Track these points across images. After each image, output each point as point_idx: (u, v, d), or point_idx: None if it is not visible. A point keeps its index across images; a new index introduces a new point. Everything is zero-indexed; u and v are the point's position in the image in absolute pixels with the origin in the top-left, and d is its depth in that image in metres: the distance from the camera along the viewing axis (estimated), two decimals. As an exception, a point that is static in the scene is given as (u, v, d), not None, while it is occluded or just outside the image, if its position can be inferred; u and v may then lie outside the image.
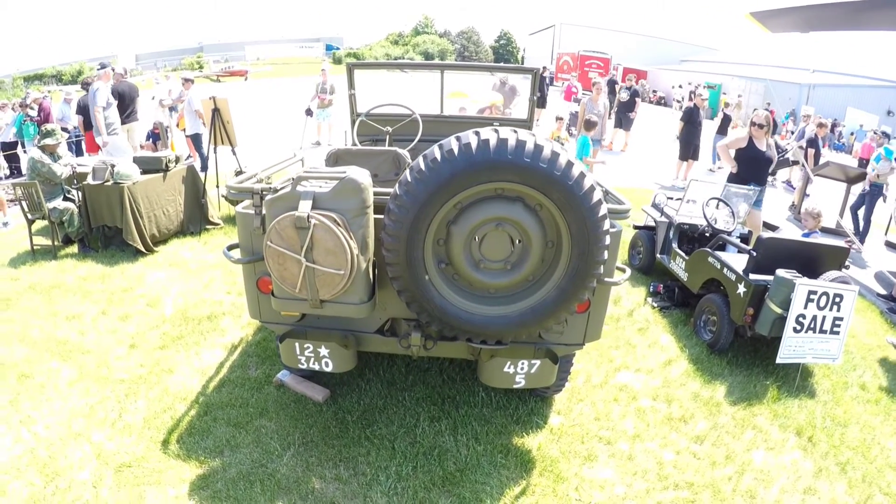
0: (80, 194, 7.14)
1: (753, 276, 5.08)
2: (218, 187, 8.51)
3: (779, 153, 8.78)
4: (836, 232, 9.01)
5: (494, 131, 2.77)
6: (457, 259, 3.04)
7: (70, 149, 11.94)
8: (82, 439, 3.92)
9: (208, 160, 9.38)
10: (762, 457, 4.10)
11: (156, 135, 11.94)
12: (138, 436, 3.97)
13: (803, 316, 4.76)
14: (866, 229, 9.35)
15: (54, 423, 4.09)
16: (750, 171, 7.21)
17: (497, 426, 4.13)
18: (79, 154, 11.00)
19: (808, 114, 16.81)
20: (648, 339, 5.58)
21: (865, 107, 26.62)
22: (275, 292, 3.22)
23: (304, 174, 3.05)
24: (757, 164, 7.22)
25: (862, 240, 9.16)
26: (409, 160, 4.31)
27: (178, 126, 12.37)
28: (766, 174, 7.41)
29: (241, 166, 8.33)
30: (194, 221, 8.04)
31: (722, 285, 5.46)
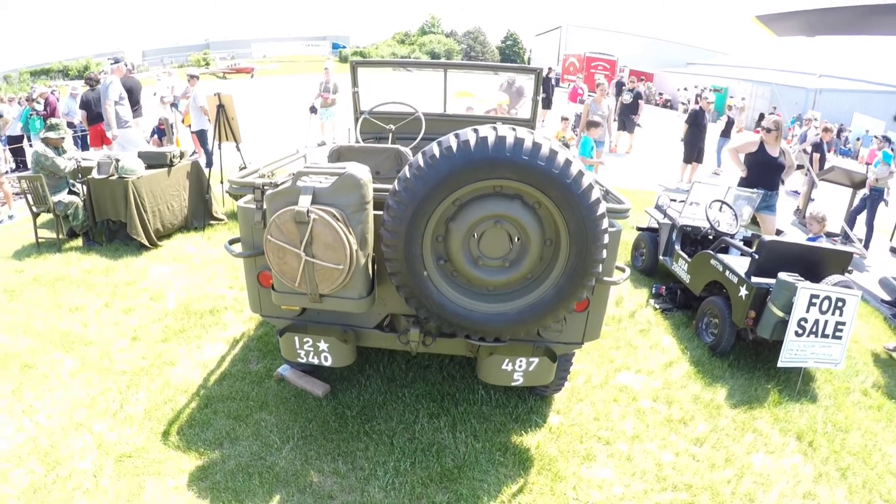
0: (84, 188, 7.17)
1: (755, 278, 5.07)
2: (222, 183, 8.53)
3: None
4: (843, 238, 8.98)
5: (493, 129, 2.78)
6: (455, 256, 3.05)
7: (76, 143, 12.02)
8: (83, 429, 3.95)
9: (213, 156, 9.43)
10: (762, 460, 4.08)
11: (161, 131, 11.98)
12: (139, 427, 3.99)
13: (805, 320, 4.74)
14: (869, 234, 9.32)
15: (56, 413, 4.11)
16: (760, 176, 7.18)
17: (496, 424, 4.13)
18: (84, 149, 11.05)
19: (809, 117, 16.74)
20: (650, 341, 5.57)
21: (872, 112, 26.51)
22: (275, 286, 3.23)
23: (305, 169, 3.06)
24: (767, 169, 7.17)
25: (866, 245, 9.12)
26: (410, 158, 4.33)
27: (183, 122, 12.41)
28: (776, 179, 7.32)
29: (245, 162, 8.36)
30: (198, 217, 8.06)
31: (724, 288, 5.45)
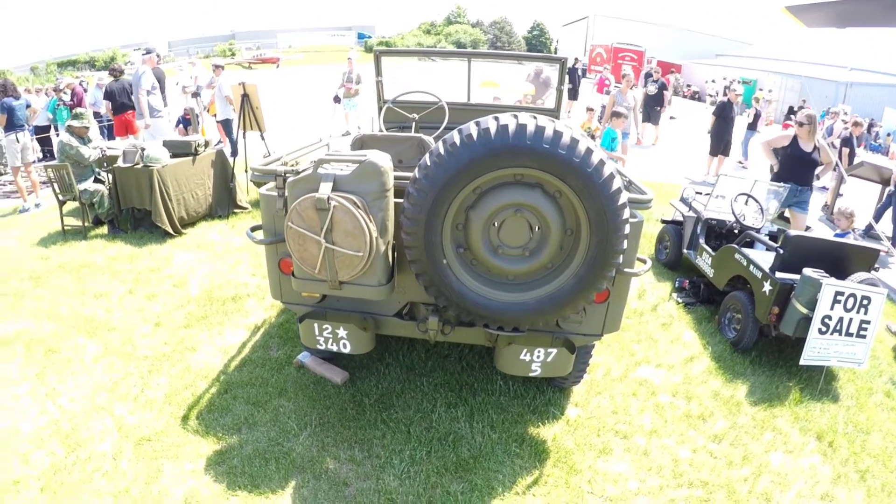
0: (110, 176, 7.28)
1: (780, 274, 4.99)
2: (247, 172, 8.61)
3: None
4: (872, 236, 8.80)
5: (514, 117, 2.76)
6: (475, 244, 3.04)
7: (101, 133, 12.19)
8: (104, 413, 4.03)
9: (237, 145, 9.52)
10: (780, 459, 4.02)
11: (187, 120, 12.12)
12: (159, 411, 4.05)
13: (829, 317, 4.66)
14: None
15: (78, 396, 4.20)
16: (791, 171, 7.05)
17: (513, 415, 4.13)
18: (110, 139, 11.21)
19: (836, 110, 16.40)
20: (671, 335, 5.52)
21: (905, 107, 25.85)
22: (295, 273, 3.25)
23: (326, 157, 3.07)
24: (799, 164, 7.03)
25: (894, 243, 8.92)
26: (433, 146, 4.32)
27: (208, 112, 12.53)
28: (809, 175, 7.16)
29: (269, 151, 8.42)
30: (222, 205, 8.15)
31: (748, 283, 5.37)
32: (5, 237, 7.38)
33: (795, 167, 7.04)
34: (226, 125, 11.30)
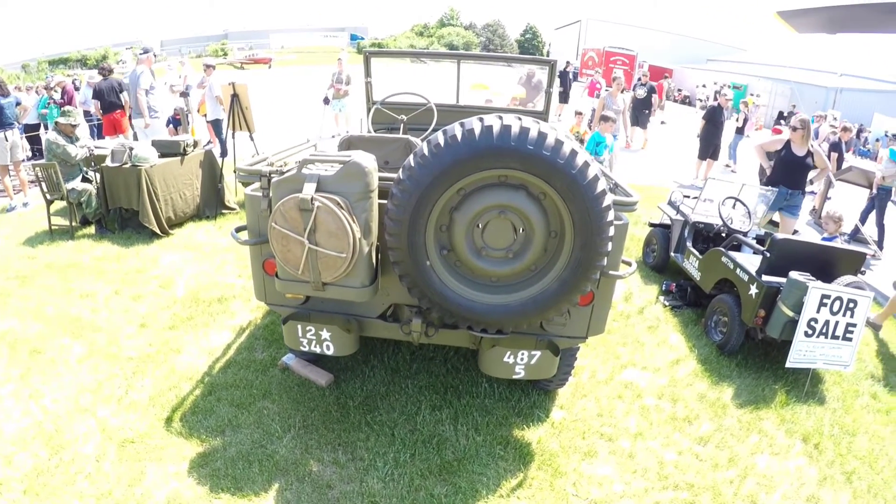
0: (98, 176, 7.23)
1: (766, 277, 5.01)
2: (235, 172, 8.57)
3: None
4: (858, 240, 8.86)
5: (498, 118, 2.75)
6: (459, 246, 3.03)
7: (91, 132, 12.12)
8: (88, 414, 3.99)
9: (227, 145, 9.48)
10: (766, 461, 4.03)
11: (177, 120, 12.05)
12: (143, 413, 4.02)
13: (815, 320, 4.68)
14: (881, 234, 9.18)
15: (62, 397, 4.16)
16: (783, 175, 7.07)
17: (498, 417, 4.12)
18: (99, 138, 11.15)
19: (823, 114, 16.53)
20: (658, 338, 5.53)
21: (893, 113, 26.00)
22: (278, 274, 3.24)
23: (310, 157, 3.06)
24: (791, 168, 7.06)
25: (880, 245, 9.00)
26: None
27: (199, 112, 12.47)
28: (801, 179, 7.16)
29: (258, 152, 8.39)
30: (210, 205, 8.11)
31: (734, 286, 5.39)
32: (-9, 236, 7.32)
33: (788, 171, 7.07)
34: (216, 125, 11.25)
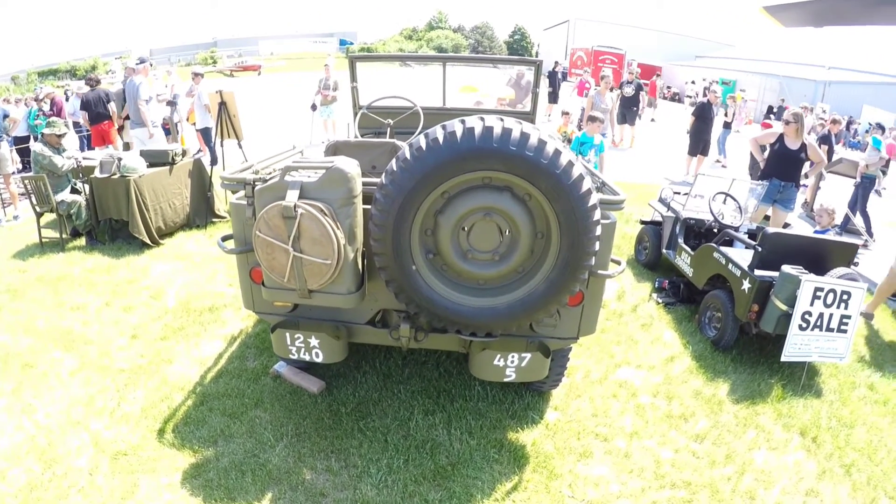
0: (87, 187, 7.20)
1: (759, 271, 5.00)
2: (220, 180, 8.54)
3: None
4: (849, 230, 8.89)
5: (480, 119, 2.73)
6: (444, 249, 3.01)
7: (81, 144, 12.06)
8: (81, 428, 3.96)
9: (216, 153, 9.45)
10: (764, 457, 4.01)
11: (166, 129, 11.99)
12: (135, 425, 3.99)
13: (809, 313, 4.67)
14: (867, 221, 9.27)
15: (54, 411, 4.13)
16: (776, 169, 7.10)
17: (492, 420, 4.09)
18: (89, 149, 11.10)
19: (810, 106, 16.61)
20: (651, 335, 5.52)
21: (882, 104, 26.15)
22: (265, 282, 3.21)
23: (293, 164, 3.03)
24: (783, 161, 7.08)
25: (869, 232, 9.06)
26: None
27: (188, 120, 12.42)
28: (794, 172, 7.19)
29: (246, 159, 8.35)
30: (200, 214, 8.07)
31: (727, 281, 5.38)
32: (-19, 251, 7.27)
33: (781, 164, 7.09)
34: (205, 134, 11.21)
